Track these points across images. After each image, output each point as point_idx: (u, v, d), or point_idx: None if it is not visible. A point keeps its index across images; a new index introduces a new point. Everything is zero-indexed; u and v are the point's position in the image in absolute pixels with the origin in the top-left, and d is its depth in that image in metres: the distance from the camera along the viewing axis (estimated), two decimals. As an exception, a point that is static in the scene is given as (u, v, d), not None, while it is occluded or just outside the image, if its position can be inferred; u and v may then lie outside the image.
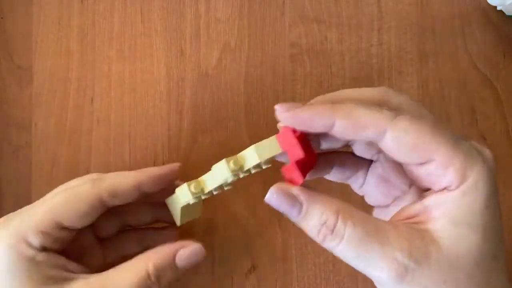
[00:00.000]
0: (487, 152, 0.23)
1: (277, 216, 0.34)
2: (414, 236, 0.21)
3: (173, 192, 0.28)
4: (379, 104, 0.23)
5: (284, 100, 0.34)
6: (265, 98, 0.35)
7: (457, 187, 0.21)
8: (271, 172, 0.34)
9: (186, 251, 0.27)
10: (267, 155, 0.23)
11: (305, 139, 0.23)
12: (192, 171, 0.32)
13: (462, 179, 0.21)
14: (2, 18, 0.36)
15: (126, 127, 0.35)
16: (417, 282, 0.21)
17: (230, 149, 0.29)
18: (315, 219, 0.22)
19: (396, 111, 0.22)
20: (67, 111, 0.35)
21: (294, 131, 0.22)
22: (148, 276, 0.25)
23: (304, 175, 0.22)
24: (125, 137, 0.35)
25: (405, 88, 0.34)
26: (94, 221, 0.28)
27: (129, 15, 0.36)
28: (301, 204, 0.22)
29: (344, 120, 0.22)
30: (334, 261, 0.34)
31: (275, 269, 0.34)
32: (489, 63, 0.34)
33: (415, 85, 0.34)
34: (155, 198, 0.29)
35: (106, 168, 0.35)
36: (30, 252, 0.25)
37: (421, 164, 0.22)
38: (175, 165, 0.29)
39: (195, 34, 0.35)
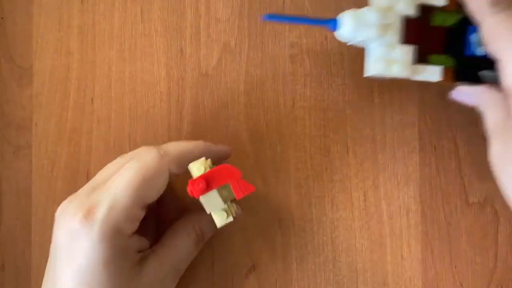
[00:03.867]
0: None
1: (277, 216, 0.34)
2: None
3: None
4: None
5: (284, 100, 0.35)
6: (265, 98, 0.35)
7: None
8: (271, 172, 0.34)
9: None
10: (225, 200, 0.27)
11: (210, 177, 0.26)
12: (192, 171, 0.32)
13: None
14: (2, 18, 0.36)
15: (126, 127, 0.35)
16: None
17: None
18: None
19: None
20: (67, 111, 0.35)
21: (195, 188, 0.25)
22: (197, 235, 0.29)
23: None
24: (125, 137, 0.35)
25: (404, 88, 0.34)
26: None
27: (129, 15, 0.36)
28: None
29: None
30: (334, 261, 0.34)
31: (275, 269, 0.34)
32: (489, 63, 0.34)
33: (415, 85, 0.34)
34: None
35: (106, 168, 0.35)
36: (125, 242, 0.24)
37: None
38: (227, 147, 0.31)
39: (195, 34, 0.35)
